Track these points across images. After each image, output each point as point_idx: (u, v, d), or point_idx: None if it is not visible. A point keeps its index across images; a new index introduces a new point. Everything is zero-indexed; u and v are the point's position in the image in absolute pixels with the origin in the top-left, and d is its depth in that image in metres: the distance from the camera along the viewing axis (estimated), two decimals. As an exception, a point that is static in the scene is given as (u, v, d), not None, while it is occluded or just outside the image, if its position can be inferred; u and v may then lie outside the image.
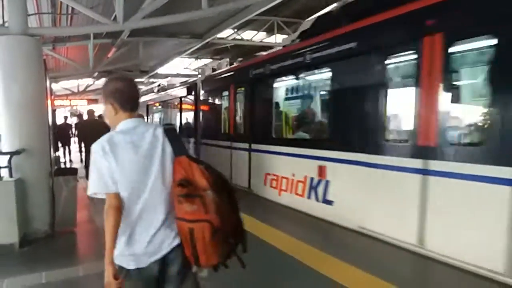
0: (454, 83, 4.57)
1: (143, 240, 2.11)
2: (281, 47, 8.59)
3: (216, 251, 2.06)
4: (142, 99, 19.35)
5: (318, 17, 8.10)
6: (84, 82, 21.12)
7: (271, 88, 7.93)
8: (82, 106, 22.54)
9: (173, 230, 2.15)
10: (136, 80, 22.20)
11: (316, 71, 6.86)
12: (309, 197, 6.34)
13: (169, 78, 19.65)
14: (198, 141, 11.32)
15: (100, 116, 11.25)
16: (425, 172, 4.39)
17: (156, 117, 18.08)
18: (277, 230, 5.54)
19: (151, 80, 22.90)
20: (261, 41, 14.91)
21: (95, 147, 2.13)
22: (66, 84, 20.67)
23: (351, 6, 6.42)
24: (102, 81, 19.82)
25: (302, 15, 12.91)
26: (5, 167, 5.41)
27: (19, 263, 4.85)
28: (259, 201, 7.54)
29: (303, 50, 6.57)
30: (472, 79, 4.72)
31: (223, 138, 9.61)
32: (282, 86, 8.53)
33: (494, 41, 3.81)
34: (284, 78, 7.87)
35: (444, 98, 4.25)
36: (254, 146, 8.16)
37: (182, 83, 14.16)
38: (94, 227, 6.25)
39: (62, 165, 13.20)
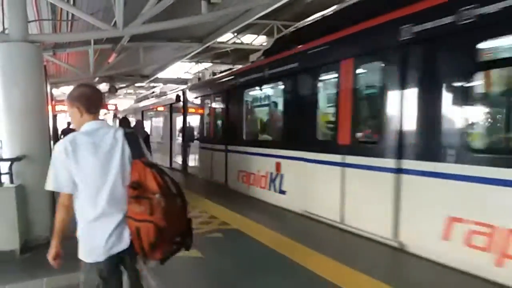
0: (360, 95, 5.91)
1: (103, 236, 2.31)
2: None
3: (160, 249, 2.30)
4: (139, 105, 20.14)
5: (276, 39, 10.05)
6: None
7: (241, 97, 9.19)
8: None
9: (127, 227, 2.34)
10: (137, 84, 22.43)
11: (272, 84, 8.33)
12: (269, 189, 7.68)
13: (161, 85, 19.83)
14: (185, 143, 12.95)
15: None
16: (343, 164, 5.70)
17: (152, 121, 19.16)
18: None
19: (152, 84, 22.97)
20: (261, 45, 14.94)
21: (58, 146, 2.31)
22: (67, 89, 20.70)
23: (298, 32, 8.23)
24: (103, 86, 19.87)
25: (301, 19, 12.94)
26: (6, 173, 5.41)
27: (20, 270, 4.84)
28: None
29: (264, 67, 7.99)
30: (372, 93, 6.05)
31: (205, 141, 11.34)
32: (250, 96, 9.63)
33: (382, 65, 5.17)
34: (251, 89, 9.19)
35: (354, 106, 5.60)
36: (229, 147, 9.64)
37: (172, 91, 16.03)
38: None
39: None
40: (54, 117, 11.31)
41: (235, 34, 13.29)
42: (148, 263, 2.71)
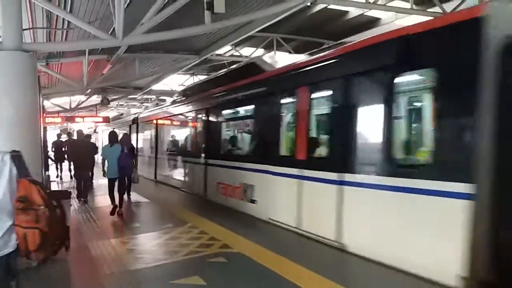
0: (313, 117, 7.02)
1: None
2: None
3: (43, 250, 2.85)
4: (114, 122, 24.35)
5: (184, 88, 15.43)
6: (77, 98, 20.71)
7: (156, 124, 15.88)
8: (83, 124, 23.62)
9: (14, 233, 2.75)
10: (130, 96, 22.15)
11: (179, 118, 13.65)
12: (242, 199, 8.37)
13: (153, 97, 20.65)
14: (156, 156, 16.23)
15: (86, 136, 12.84)
16: (299, 177, 6.53)
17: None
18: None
19: (145, 96, 22.63)
20: (258, 58, 14.75)
21: None
22: (57, 101, 20.25)
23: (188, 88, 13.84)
24: (94, 98, 19.48)
25: (301, 32, 12.81)
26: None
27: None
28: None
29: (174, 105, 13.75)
30: (321, 116, 7.48)
31: (149, 154, 17.18)
32: (173, 123, 14.88)
33: (329, 92, 6.22)
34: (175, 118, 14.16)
35: (308, 127, 6.62)
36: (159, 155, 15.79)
37: (131, 115, 22.45)
38: (88, 255, 5.81)
39: (53, 184, 12.77)
40: (44, 129, 10.88)
41: (234, 46, 13.07)
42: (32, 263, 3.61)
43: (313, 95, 6.59)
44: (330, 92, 6.16)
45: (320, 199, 6.08)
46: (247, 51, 14.15)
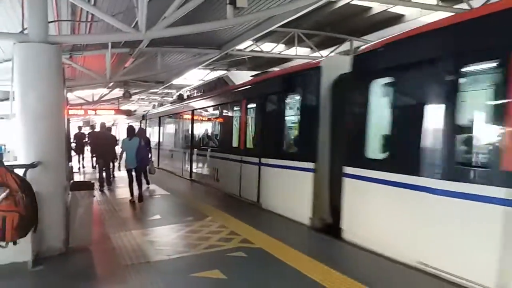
0: (249, 122, 9.84)
1: None
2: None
3: (18, 232, 3.44)
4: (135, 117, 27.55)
5: (178, 94, 18.67)
6: (99, 91, 21.01)
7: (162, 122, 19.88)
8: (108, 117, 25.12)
9: None
10: (151, 90, 22.45)
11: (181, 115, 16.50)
12: (213, 178, 11.85)
13: (174, 91, 21.11)
14: (159, 148, 19.88)
15: (108, 129, 13.84)
16: (241, 161, 9.66)
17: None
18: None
19: (166, 90, 22.79)
20: (279, 53, 14.67)
21: None
22: (80, 93, 20.57)
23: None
24: (116, 91, 19.72)
25: (323, 28, 12.68)
26: (20, 180, 5.12)
27: (32, 285, 4.54)
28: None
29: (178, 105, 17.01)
30: (253, 121, 9.75)
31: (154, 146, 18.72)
32: (169, 121, 18.94)
33: (255, 105, 9.44)
34: (171, 117, 18.22)
35: (246, 128, 9.83)
36: (161, 147, 19.70)
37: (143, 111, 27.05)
38: (110, 245, 5.91)
39: (76, 176, 13.03)
40: (67, 121, 11.08)
41: (254, 41, 13.01)
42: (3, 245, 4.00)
43: (249, 106, 9.76)
44: (255, 105, 9.39)
45: (251, 174, 9.05)
46: (268, 47, 14.07)
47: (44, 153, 5.35)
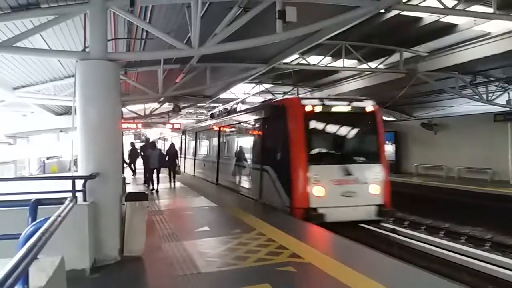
0: (184, 143, 25.18)
1: None
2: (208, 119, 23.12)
3: None
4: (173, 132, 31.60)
5: (211, 113, 22.51)
6: (150, 105, 21.83)
7: (194, 135, 22.93)
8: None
9: None
10: (199, 104, 23.03)
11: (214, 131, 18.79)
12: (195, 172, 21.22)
13: (220, 106, 21.72)
14: (195, 158, 22.66)
15: (152, 143, 17.82)
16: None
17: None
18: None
19: (213, 104, 23.27)
20: (326, 66, 14.59)
21: None
22: (133, 108, 21.47)
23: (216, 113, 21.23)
24: (166, 105, 20.40)
25: (371, 39, 12.49)
26: (80, 190, 5.38)
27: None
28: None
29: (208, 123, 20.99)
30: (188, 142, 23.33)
31: (191, 156, 23.25)
32: (202, 135, 21.63)
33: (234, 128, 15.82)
34: (202, 132, 21.58)
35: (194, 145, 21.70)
36: (196, 157, 22.27)
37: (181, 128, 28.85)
38: (162, 254, 6.06)
39: (128, 186, 13.52)
40: (121, 135, 11.62)
41: (301, 54, 13.04)
42: None
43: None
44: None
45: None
46: (314, 59, 14.04)
47: (102, 164, 5.63)
